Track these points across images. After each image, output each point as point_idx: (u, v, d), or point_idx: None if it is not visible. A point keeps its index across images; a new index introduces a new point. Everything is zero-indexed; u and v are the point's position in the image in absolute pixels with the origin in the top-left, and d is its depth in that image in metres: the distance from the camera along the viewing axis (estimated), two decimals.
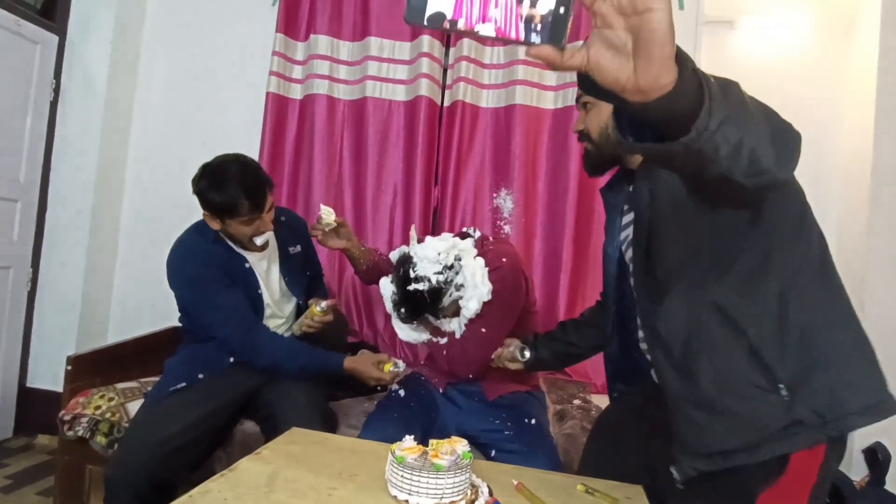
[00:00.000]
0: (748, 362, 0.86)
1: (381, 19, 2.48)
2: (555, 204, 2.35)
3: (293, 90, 2.57)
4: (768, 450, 0.85)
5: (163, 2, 2.73)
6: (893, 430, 1.94)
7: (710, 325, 0.89)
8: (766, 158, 0.63)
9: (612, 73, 0.52)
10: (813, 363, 0.85)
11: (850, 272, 2.12)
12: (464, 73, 2.39)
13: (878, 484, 1.90)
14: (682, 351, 0.92)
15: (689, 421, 0.91)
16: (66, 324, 2.53)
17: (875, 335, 1.95)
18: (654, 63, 0.50)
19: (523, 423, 1.54)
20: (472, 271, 1.49)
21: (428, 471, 0.90)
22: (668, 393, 0.95)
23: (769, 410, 0.84)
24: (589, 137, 1.11)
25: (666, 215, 0.94)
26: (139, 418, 1.54)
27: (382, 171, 2.48)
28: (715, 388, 0.88)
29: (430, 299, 1.47)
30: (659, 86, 0.52)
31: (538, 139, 2.37)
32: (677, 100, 0.54)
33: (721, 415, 0.87)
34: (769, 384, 0.85)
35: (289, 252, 1.78)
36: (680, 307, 0.92)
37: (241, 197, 1.51)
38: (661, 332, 0.94)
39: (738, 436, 0.86)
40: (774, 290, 0.87)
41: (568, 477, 1.10)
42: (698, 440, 0.90)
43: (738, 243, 0.88)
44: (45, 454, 2.32)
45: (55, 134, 2.57)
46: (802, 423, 0.83)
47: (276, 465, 1.02)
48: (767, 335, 0.86)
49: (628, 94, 0.53)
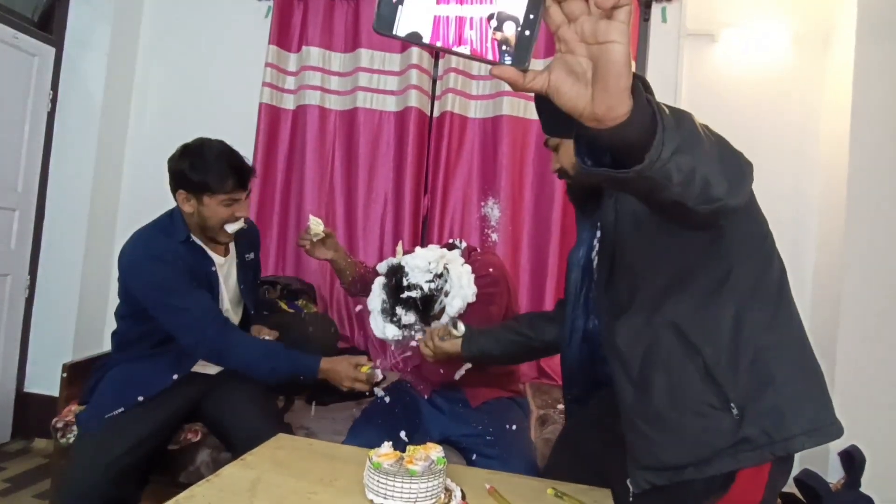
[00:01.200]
0: (701, 381, 0.89)
1: (372, 32, 2.51)
2: (541, 212, 2.40)
3: (286, 101, 2.63)
4: (717, 466, 0.88)
5: (158, 15, 2.79)
6: (868, 432, 2.01)
7: (667, 343, 0.91)
8: (717, 187, 0.66)
9: (571, 99, 0.52)
10: (763, 384, 0.88)
11: (828, 279, 2.18)
12: (452, 85, 2.44)
13: (854, 486, 1.95)
14: (639, 366, 0.95)
15: (642, 435, 0.94)
16: (63, 330, 2.58)
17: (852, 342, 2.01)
18: (611, 93, 0.51)
19: (504, 428, 1.59)
20: (458, 274, 1.55)
21: (402, 476, 0.95)
22: (623, 406, 0.98)
23: (719, 428, 0.87)
24: (566, 174, 1.16)
25: (629, 232, 0.97)
26: (82, 444, 1.48)
27: (373, 181, 2.54)
28: (668, 404, 0.91)
29: (422, 307, 1.52)
30: (613, 115, 0.53)
31: (525, 149, 2.43)
32: (631, 129, 0.55)
33: (672, 431, 0.91)
34: (721, 403, 0.88)
35: (245, 259, 1.76)
36: (639, 323, 0.95)
37: (228, 172, 1.50)
38: (620, 347, 0.97)
39: (689, 451, 0.89)
40: (731, 311, 0.90)
41: (539, 481, 1.15)
42: (650, 454, 0.93)
43: (698, 264, 0.91)
44: (42, 458, 2.37)
45: (52, 144, 2.62)
46: (750, 441, 0.86)
47: (259, 471, 1.07)
48: (721, 355, 0.88)
49: (585, 120, 0.54)
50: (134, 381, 1.52)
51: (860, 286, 2.06)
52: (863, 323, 2.05)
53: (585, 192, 1.17)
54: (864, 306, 2.06)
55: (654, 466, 0.93)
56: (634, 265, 0.98)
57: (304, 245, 1.76)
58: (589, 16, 0.49)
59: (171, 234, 1.60)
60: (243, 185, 1.55)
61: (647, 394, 0.93)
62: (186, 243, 1.60)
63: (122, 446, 1.40)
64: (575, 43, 0.51)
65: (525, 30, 0.50)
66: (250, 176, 1.57)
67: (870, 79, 2.06)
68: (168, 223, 1.63)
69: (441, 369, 1.60)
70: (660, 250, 0.93)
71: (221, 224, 1.56)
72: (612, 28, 0.48)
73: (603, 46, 0.49)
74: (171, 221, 1.63)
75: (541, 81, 0.52)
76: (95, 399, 1.55)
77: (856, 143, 2.06)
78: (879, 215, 2.04)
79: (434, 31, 0.50)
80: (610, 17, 0.49)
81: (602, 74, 0.50)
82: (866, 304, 2.06)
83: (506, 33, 0.50)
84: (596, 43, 0.49)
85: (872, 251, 2.05)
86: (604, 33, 0.49)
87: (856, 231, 2.07)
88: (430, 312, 1.54)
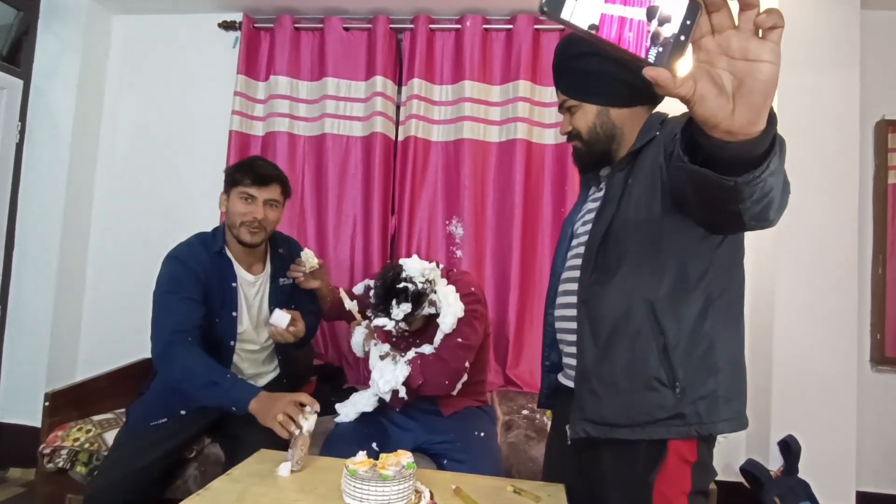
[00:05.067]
0: (658, 358, 0.99)
1: (338, 60, 2.66)
2: (502, 229, 2.55)
3: (255, 128, 2.72)
4: (649, 432, 1.00)
5: (126, 45, 2.85)
6: (804, 423, 2.21)
7: (638, 318, 1.00)
8: (774, 210, 0.70)
9: (712, 109, 0.53)
10: (707, 373, 1.01)
11: (763, 286, 2.36)
12: (415, 111, 2.58)
13: (792, 472, 2.14)
14: (607, 333, 1.03)
15: (593, 393, 1.04)
16: (36, 359, 2.59)
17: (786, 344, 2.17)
18: (755, 111, 0.52)
19: (472, 435, 1.72)
20: (445, 293, 1.71)
21: (376, 481, 1.07)
22: (582, 365, 1.06)
23: (661, 402, 0.99)
24: (579, 136, 1.15)
25: (633, 210, 1.04)
26: (119, 444, 1.64)
27: (342, 203, 2.65)
28: (624, 373, 1.01)
29: (412, 301, 1.66)
30: (748, 131, 0.54)
31: (485, 170, 2.58)
32: (755, 147, 0.56)
33: (621, 396, 1.01)
34: (669, 381, 0.99)
35: (279, 283, 1.84)
36: (618, 294, 1.03)
37: (250, 169, 1.68)
38: (595, 312, 1.05)
39: (629, 415, 1.01)
40: (699, 304, 1.00)
41: (500, 480, 1.28)
42: (594, 409, 1.04)
43: (687, 255, 1.01)
44: (19, 486, 2.39)
45: (21, 175, 2.65)
46: (684, 417, 0.98)
47: (245, 484, 1.17)
48: (681, 340, 0.99)
49: (717, 131, 0.55)
50: (179, 393, 1.61)
51: (791, 291, 2.27)
52: (796, 327, 2.25)
53: (595, 159, 1.18)
54: (796, 311, 2.25)
55: (595, 420, 1.04)
56: (628, 240, 1.04)
57: (298, 277, 1.82)
58: (736, 31, 0.50)
59: (205, 244, 1.73)
60: (259, 183, 1.67)
61: (608, 360, 1.03)
62: (216, 255, 1.72)
63: (152, 456, 1.56)
64: (716, 55, 0.51)
65: (680, 35, 0.51)
66: (269, 181, 1.69)
67: (792, 98, 2.25)
68: (209, 235, 1.78)
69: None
70: (656, 233, 1.01)
71: (240, 220, 1.67)
72: (765, 48, 0.49)
73: (753, 64, 0.50)
74: (212, 234, 1.78)
75: (688, 87, 0.52)
76: (147, 399, 1.71)
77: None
78: (804, 228, 2.24)
79: (600, 26, 0.51)
80: (763, 37, 0.49)
81: (748, 91, 0.51)
82: (798, 308, 2.26)
83: (663, 35, 0.51)
84: (745, 59, 0.50)
85: (800, 257, 2.27)
86: (755, 52, 0.49)
87: (784, 245, 2.27)
88: (418, 308, 1.66)
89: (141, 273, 2.69)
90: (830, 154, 2.28)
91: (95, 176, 2.82)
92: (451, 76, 2.64)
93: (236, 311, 1.73)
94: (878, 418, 2.39)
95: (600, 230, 1.07)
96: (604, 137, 1.14)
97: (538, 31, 2.57)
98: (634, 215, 1.03)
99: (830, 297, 2.24)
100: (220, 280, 1.71)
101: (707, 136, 0.57)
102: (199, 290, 1.64)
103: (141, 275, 2.68)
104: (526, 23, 2.56)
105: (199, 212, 2.64)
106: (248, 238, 1.69)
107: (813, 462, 2.13)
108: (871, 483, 2.37)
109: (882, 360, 2.42)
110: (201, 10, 2.77)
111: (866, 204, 2.44)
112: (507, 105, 2.58)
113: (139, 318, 1.86)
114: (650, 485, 1.03)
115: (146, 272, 2.63)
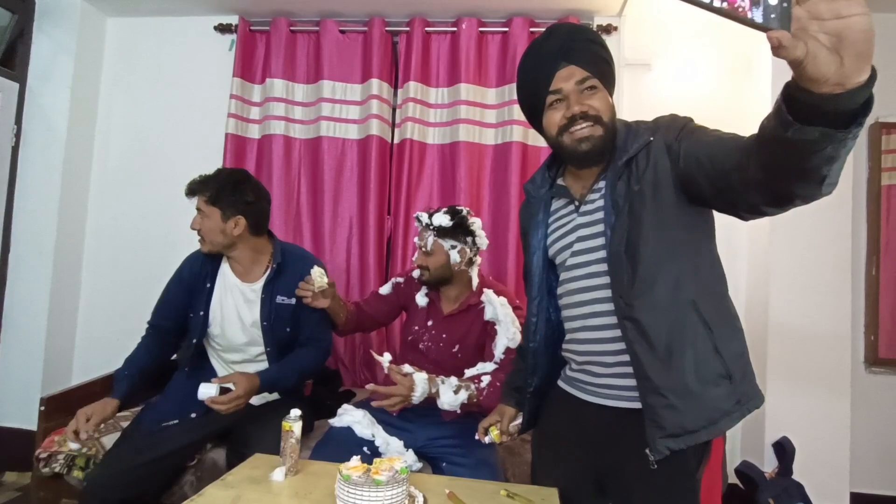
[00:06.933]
0: (713, 354, 1.02)
1: (333, 63, 2.66)
2: (498, 231, 2.56)
3: (251, 130, 2.72)
4: (722, 426, 1.03)
5: (121, 48, 2.85)
6: (798, 424, 2.22)
7: (690, 320, 1.02)
8: (835, 175, 0.73)
9: (826, 65, 0.57)
10: (739, 357, 1.06)
11: (757, 288, 2.36)
12: (411, 114, 2.59)
13: (787, 474, 2.14)
14: (666, 343, 1.02)
15: (670, 407, 1.01)
16: (32, 362, 2.60)
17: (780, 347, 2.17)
18: (863, 58, 0.56)
19: (472, 440, 1.71)
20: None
21: (369, 486, 1.07)
22: (649, 382, 1.02)
23: (725, 394, 1.03)
24: (600, 120, 1.08)
25: (649, 215, 1.04)
26: (124, 438, 1.67)
27: (338, 205, 2.65)
28: (694, 376, 1.01)
29: (454, 222, 1.79)
30: (857, 80, 0.58)
31: (481, 173, 2.59)
32: (861, 94, 0.60)
33: (696, 400, 1.02)
34: (726, 373, 1.03)
35: (275, 300, 1.78)
36: (664, 303, 1.02)
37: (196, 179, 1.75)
38: (645, 325, 1.02)
39: (706, 416, 1.02)
40: (719, 294, 1.06)
41: (493, 484, 1.28)
42: (675, 423, 1.01)
43: (698, 252, 1.05)
44: (14, 491, 2.38)
45: (17, 178, 2.65)
46: (739, 402, 1.04)
47: (239, 489, 1.17)
48: (722, 332, 1.04)
49: (828, 85, 0.59)
50: (192, 396, 1.59)
51: (786, 292, 2.28)
52: (790, 328, 2.26)
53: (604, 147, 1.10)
54: (790, 312, 2.27)
55: (677, 433, 1.01)
56: (650, 247, 1.04)
57: (306, 296, 1.72)
58: None
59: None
60: (190, 192, 1.75)
61: (675, 367, 1.02)
62: (206, 257, 1.81)
63: (153, 454, 1.58)
64: (807, 21, 0.56)
65: (782, 2, 0.55)
66: (195, 187, 1.74)
67: None
68: None
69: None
70: (675, 236, 1.04)
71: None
72: (852, 3, 0.54)
73: (847, 20, 0.54)
74: None
75: (801, 50, 0.57)
76: (164, 398, 1.79)
77: None
78: (798, 229, 2.26)
79: None
80: None
81: (851, 43, 0.55)
82: (792, 309, 2.27)
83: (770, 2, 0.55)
84: (838, 18, 0.55)
85: (794, 259, 2.28)
86: (846, 9, 0.54)
87: (778, 246, 2.28)
88: (448, 233, 1.80)
89: (136, 276, 2.71)
90: None
91: (90, 179, 2.82)
92: (446, 79, 2.64)
93: (205, 311, 1.78)
94: (872, 419, 2.41)
95: (620, 243, 1.05)
96: (614, 130, 1.11)
97: (533, 33, 2.57)
98: (655, 221, 1.03)
99: (824, 299, 2.25)
100: (202, 280, 1.80)
101: (812, 93, 0.61)
102: (180, 287, 1.80)
103: (136, 278, 2.70)
104: (521, 25, 2.57)
105: (194, 215, 2.63)
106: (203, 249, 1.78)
107: (807, 463, 2.14)
108: (866, 484, 2.38)
109: (876, 361, 2.43)
110: (196, 12, 2.76)
111: (860, 205, 2.45)
112: (502, 108, 2.58)
113: (135, 322, 1.86)
114: (698, 483, 1.07)
115: (142, 275, 2.67)
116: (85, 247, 2.81)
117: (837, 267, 2.26)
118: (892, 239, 2.46)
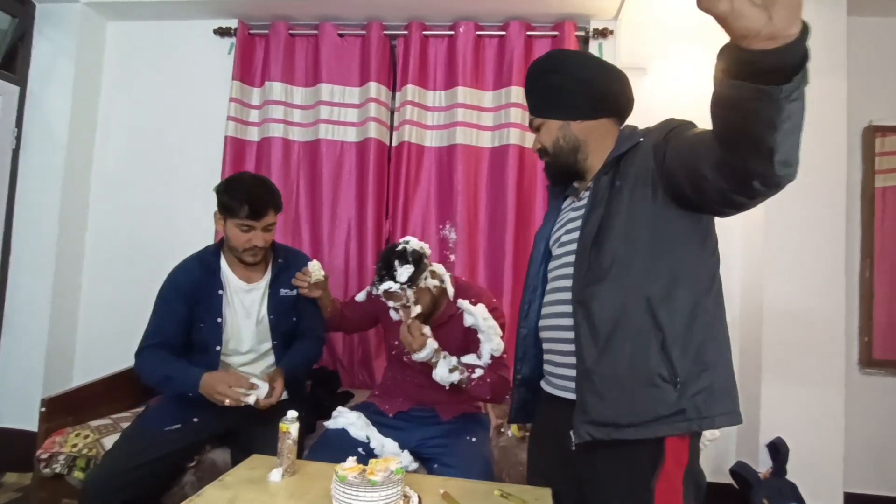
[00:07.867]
0: (658, 354, 1.01)
1: (332, 67, 2.68)
2: (495, 233, 2.58)
3: (250, 133, 2.74)
4: (654, 430, 1.01)
5: (121, 51, 2.87)
6: (792, 425, 2.23)
7: (637, 315, 1.02)
8: (796, 154, 0.74)
9: (752, 20, 0.59)
10: (702, 368, 1.02)
11: (752, 291, 2.38)
12: (409, 116, 2.60)
13: (780, 474, 2.16)
14: (607, 331, 1.04)
15: (596, 393, 1.04)
16: (33, 364, 2.61)
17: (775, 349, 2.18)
18: (791, 9, 0.59)
19: (464, 439, 1.74)
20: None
21: (365, 486, 1.09)
22: (583, 366, 1.06)
23: (664, 398, 1.00)
24: (546, 152, 1.23)
25: (624, 210, 1.07)
26: (125, 439, 1.68)
27: (337, 208, 2.67)
28: (627, 371, 1.02)
29: (414, 261, 1.72)
30: (787, 33, 0.61)
31: (478, 175, 2.61)
32: (794, 51, 0.62)
33: (625, 394, 1.02)
34: (669, 377, 1.00)
35: (279, 293, 1.86)
36: (616, 292, 1.04)
37: (244, 199, 1.67)
38: (594, 311, 1.06)
39: (634, 413, 1.01)
40: (690, 299, 1.03)
41: (487, 484, 1.30)
42: (598, 411, 1.03)
43: (676, 252, 1.04)
44: (14, 491, 2.40)
45: (17, 181, 2.67)
46: (685, 413, 1.00)
47: (237, 490, 1.19)
48: (678, 336, 1.01)
49: (759, 40, 0.61)
50: (194, 401, 1.65)
51: (780, 294, 2.29)
52: (784, 329, 2.28)
53: (562, 171, 1.25)
54: (784, 314, 2.28)
55: (600, 422, 1.03)
56: (620, 239, 1.06)
57: (302, 286, 1.85)
58: None
59: (201, 256, 1.84)
60: (256, 216, 1.69)
61: (610, 358, 1.04)
62: (208, 266, 1.79)
63: (153, 454, 1.59)
64: None
65: None
66: (265, 211, 1.71)
67: None
68: (211, 248, 1.87)
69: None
70: (646, 230, 1.05)
71: (241, 247, 1.74)
72: None
73: None
74: (214, 247, 1.87)
75: (725, 4, 0.60)
76: (166, 402, 1.76)
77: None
78: (792, 232, 2.28)
79: None
80: None
81: None
82: (787, 311, 2.28)
83: None
84: None
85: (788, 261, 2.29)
86: None
87: (773, 245, 2.30)
88: (419, 270, 1.71)
89: (137, 278, 2.73)
90: (818, 159, 2.30)
91: (91, 182, 2.84)
92: (444, 82, 2.66)
93: (220, 317, 1.78)
94: (865, 420, 2.43)
95: (591, 232, 1.10)
96: (567, 150, 1.20)
97: (530, 37, 2.60)
98: (626, 216, 1.07)
99: (819, 300, 2.26)
100: (208, 288, 1.78)
101: (746, 50, 0.63)
102: (180, 301, 1.74)
103: (137, 280, 2.72)
104: (518, 29, 2.59)
105: (195, 217, 2.67)
106: (250, 260, 1.78)
107: (801, 464, 2.15)
108: (859, 484, 2.40)
109: (870, 362, 2.45)
110: (196, 16, 2.78)
111: (854, 208, 2.47)
112: (499, 111, 2.60)
113: (135, 323, 1.87)
114: (652, 490, 1.04)
115: (142, 277, 2.66)
116: (85, 249, 2.82)
117: (831, 269, 2.28)
118: (885, 241, 2.48)
